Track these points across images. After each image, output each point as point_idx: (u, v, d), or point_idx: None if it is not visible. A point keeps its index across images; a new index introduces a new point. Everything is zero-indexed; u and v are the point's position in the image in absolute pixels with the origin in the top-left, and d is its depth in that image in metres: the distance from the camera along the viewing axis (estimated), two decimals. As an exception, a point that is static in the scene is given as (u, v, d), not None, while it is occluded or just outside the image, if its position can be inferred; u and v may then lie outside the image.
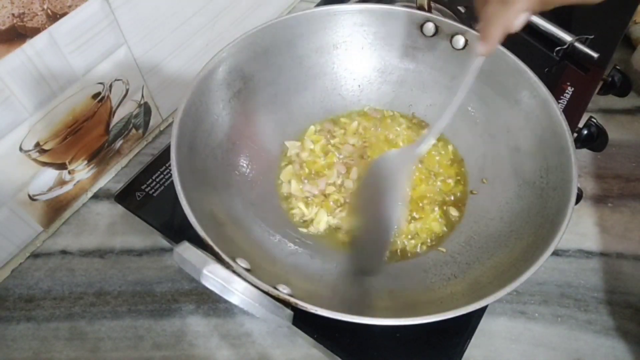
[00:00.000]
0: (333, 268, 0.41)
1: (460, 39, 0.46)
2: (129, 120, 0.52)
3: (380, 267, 0.41)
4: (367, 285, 0.40)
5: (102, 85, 0.47)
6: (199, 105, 0.41)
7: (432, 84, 0.50)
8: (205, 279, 0.29)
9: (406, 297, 0.39)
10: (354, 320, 0.31)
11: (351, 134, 0.49)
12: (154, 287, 0.47)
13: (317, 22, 0.47)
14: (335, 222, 0.44)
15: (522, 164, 0.44)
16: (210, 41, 0.56)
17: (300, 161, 0.47)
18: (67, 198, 0.50)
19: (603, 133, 0.50)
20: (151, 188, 0.47)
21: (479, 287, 0.37)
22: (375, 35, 0.49)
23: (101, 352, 0.44)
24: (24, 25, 0.38)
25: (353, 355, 0.38)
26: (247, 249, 0.38)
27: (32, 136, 0.43)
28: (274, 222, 0.43)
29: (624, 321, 0.45)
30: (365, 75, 0.51)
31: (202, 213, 0.36)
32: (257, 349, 0.44)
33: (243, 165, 0.45)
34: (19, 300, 0.46)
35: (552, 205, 0.38)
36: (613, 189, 0.53)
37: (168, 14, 0.49)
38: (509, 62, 0.44)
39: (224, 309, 0.45)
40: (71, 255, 0.49)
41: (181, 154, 0.38)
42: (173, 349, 0.44)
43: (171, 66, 0.53)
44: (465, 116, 0.48)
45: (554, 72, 0.55)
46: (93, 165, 0.51)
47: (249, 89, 0.46)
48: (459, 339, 0.39)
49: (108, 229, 0.50)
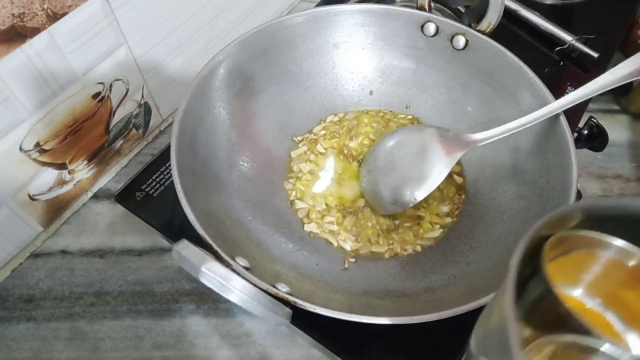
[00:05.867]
0: (333, 268, 0.41)
1: (460, 39, 0.46)
2: (129, 120, 0.52)
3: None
4: (367, 285, 0.40)
5: (102, 85, 0.47)
6: (199, 105, 0.41)
7: (433, 84, 0.50)
8: (204, 277, 0.29)
9: (406, 297, 0.39)
10: (353, 319, 0.31)
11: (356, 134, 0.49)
12: (154, 287, 0.47)
13: (317, 22, 0.47)
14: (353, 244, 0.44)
15: (522, 164, 0.44)
16: (210, 41, 0.57)
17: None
18: (67, 198, 0.50)
19: (603, 133, 0.49)
20: (151, 188, 0.47)
21: (479, 287, 0.37)
22: (375, 35, 0.49)
23: (101, 352, 0.43)
24: (24, 25, 0.38)
25: (353, 355, 0.38)
26: (247, 248, 0.39)
27: (32, 136, 0.43)
28: (274, 222, 0.43)
29: (624, 321, 0.45)
30: (366, 76, 0.51)
31: (202, 212, 0.36)
32: (257, 349, 0.44)
33: (243, 165, 0.45)
34: (19, 300, 0.46)
35: (552, 205, 0.38)
36: (613, 189, 0.53)
37: (168, 14, 0.49)
38: (509, 62, 0.44)
39: (224, 309, 0.45)
40: (71, 255, 0.49)
41: (181, 154, 0.38)
42: (173, 349, 0.44)
43: (171, 66, 0.54)
44: (465, 116, 0.48)
45: (554, 72, 0.55)
46: (93, 165, 0.51)
47: (249, 89, 0.46)
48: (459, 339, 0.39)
49: (108, 229, 0.50)
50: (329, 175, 0.47)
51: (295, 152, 0.48)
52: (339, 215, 0.45)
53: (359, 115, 0.50)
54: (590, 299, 0.27)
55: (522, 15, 0.59)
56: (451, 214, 0.45)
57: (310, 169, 0.47)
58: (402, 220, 0.44)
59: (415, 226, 0.44)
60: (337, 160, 0.48)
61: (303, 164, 0.47)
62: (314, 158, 0.48)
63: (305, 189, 0.46)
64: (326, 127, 0.50)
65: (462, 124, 0.48)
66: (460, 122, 0.48)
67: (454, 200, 0.45)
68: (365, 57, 0.50)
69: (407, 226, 0.44)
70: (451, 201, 0.45)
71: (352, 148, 0.48)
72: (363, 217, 0.45)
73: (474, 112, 0.48)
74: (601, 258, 0.25)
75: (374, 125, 0.50)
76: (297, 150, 0.48)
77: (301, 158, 0.48)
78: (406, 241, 0.43)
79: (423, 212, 0.45)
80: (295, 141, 0.49)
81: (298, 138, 0.49)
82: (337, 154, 0.48)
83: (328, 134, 0.49)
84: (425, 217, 0.44)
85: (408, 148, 0.44)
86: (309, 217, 0.45)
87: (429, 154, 0.43)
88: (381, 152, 0.45)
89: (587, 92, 0.40)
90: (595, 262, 0.26)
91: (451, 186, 0.46)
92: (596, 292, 0.27)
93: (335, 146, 0.48)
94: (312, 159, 0.48)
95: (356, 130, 0.49)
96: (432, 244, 0.43)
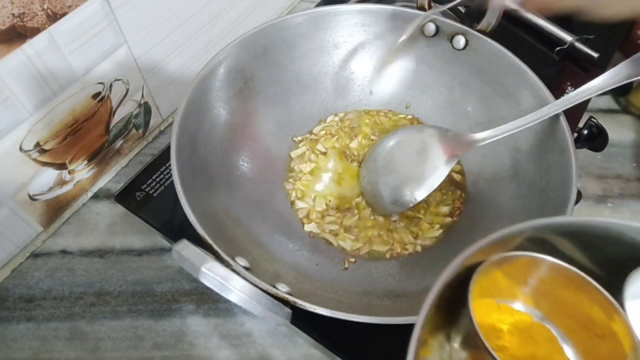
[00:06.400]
0: (333, 268, 0.41)
1: (460, 39, 0.46)
2: (129, 120, 0.52)
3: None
4: (367, 285, 0.40)
5: (102, 85, 0.47)
6: (199, 105, 0.41)
7: (433, 84, 0.50)
8: (204, 277, 0.29)
9: (406, 297, 0.39)
10: (353, 319, 0.31)
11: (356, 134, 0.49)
12: (154, 287, 0.47)
13: (317, 22, 0.47)
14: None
15: (522, 164, 0.44)
16: (210, 41, 0.57)
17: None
18: (67, 198, 0.50)
19: (603, 133, 0.49)
20: (151, 188, 0.47)
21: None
22: (375, 35, 0.49)
23: (101, 352, 0.43)
24: (24, 25, 0.38)
25: (353, 355, 0.38)
26: (247, 248, 0.39)
27: (32, 136, 0.43)
28: (274, 222, 0.43)
29: (624, 321, 0.45)
30: (366, 76, 0.51)
31: (202, 212, 0.36)
32: (257, 349, 0.44)
33: (243, 165, 0.45)
34: (19, 300, 0.46)
35: (552, 205, 0.38)
36: (613, 189, 0.53)
37: (168, 14, 0.49)
38: (509, 62, 0.44)
39: (224, 309, 0.45)
40: (71, 255, 0.49)
41: (181, 153, 0.38)
42: (173, 349, 0.44)
43: (171, 66, 0.54)
44: (465, 116, 0.48)
45: (554, 72, 0.55)
46: (93, 165, 0.51)
47: (249, 89, 0.46)
48: (459, 339, 0.39)
49: (108, 229, 0.50)
50: (329, 175, 0.47)
51: (295, 152, 0.48)
52: (339, 215, 0.45)
53: (359, 115, 0.50)
54: (539, 312, 0.28)
55: (522, 15, 0.59)
56: (451, 214, 0.45)
57: (311, 169, 0.47)
58: (402, 220, 0.44)
59: (415, 226, 0.44)
60: (337, 160, 0.48)
61: (303, 164, 0.47)
62: (314, 158, 0.48)
63: (306, 189, 0.46)
64: (326, 127, 0.50)
65: (462, 124, 0.48)
66: (460, 122, 0.48)
67: (454, 200, 0.45)
68: (365, 57, 0.50)
69: (407, 226, 0.44)
70: (451, 201, 0.45)
71: (352, 148, 0.48)
72: (363, 217, 0.45)
73: (474, 112, 0.48)
74: (539, 272, 0.27)
75: (374, 126, 0.50)
76: (297, 151, 0.48)
77: (301, 158, 0.48)
78: (406, 241, 0.43)
79: (423, 212, 0.45)
80: (295, 141, 0.49)
81: (298, 138, 0.49)
82: (337, 154, 0.48)
83: (328, 134, 0.49)
84: (425, 217, 0.45)
85: (408, 148, 0.44)
86: (309, 217, 0.45)
87: (429, 154, 0.43)
88: (381, 152, 0.45)
89: (587, 92, 0.40)
90: (536, 276, 0.27)
91: (451, 186, 0.46)
92: (541, 304, 0.28)
93: (335, 146, 0.48)
94: (312, 159, 0.48)
95: (356, 130, 0.49)
96: (432, 244, 0.43)
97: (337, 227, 0.44)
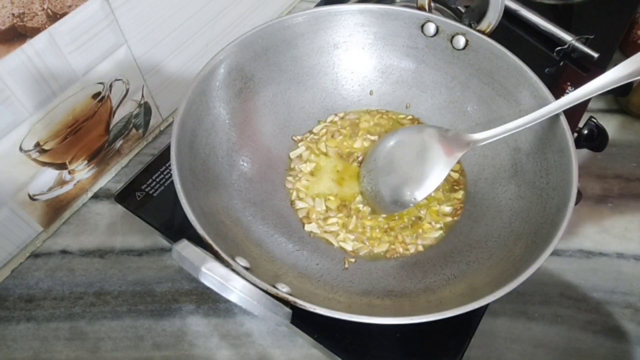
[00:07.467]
0: (333, 268, 0.41)
1: (460, 39, 0.46)
2: (129, 120, 0.52)
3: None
4: (367, 285, 0.40)
5: (102, 85, 0.47)
6: (199, 105, 0.41)
7: (433, 84, 0.50)
8: (204, 277, 0.29)
9: (406, 297, 0.39)
10: (353, 319, 0.31)
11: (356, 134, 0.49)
12: (154, 287, 0.47)
13: (317, 22, 0.47)
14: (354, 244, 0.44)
15: (522, 164, 0.44)
16: (210, 41, 0.57)
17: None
18: (67, 198, 0.50)
19: (603, 133, 0.49)
20: (151, 188, 0.47)
21: (479, 287, 0.37)
22: (375, 35, 0.49)
23: (101, 352, 0.44)
24: (24, 25, 0.38)
25: (353, 355, 0.38)
26: (247, 248, 0.39)
27: (32, 136, 0.43)
28: (274, 222, 0.43)
29: (624, 321, 0.45)
30: (366, 76, 0.51)
31: (202, 212, 0.36)
32: (257, 349, 0.44)
33: (243, 165, 0.45)
34: (19, 300, 0.46)
35: (552, 205, 0.38)
36: (613, 189, 0.53)
37: (168, 14, 0.49)
38: (509, 62, 0.44)
39: (224, 309, 0.45)
40: (71, 255, 0.49)
41: (181, 153, 0.38)
42: (173, 349, 0.44)
43: (171, 66, 0.54)
44: (465, 116, 0.48)
45: (554, 72, 0.55)
46: (93, 165, 0.51)
47: (250, 89, 0.46)
48: (459, 339, 0.39)
49: (108, 229, 0.50)
50: (329, 175, 0.47)
51: (295, 152, 0.48)
52: (339, 215, 0.45)
53: (359, 115, 0.50)
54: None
55: (522, 15, 0.59)
56: (451, 214, 0.45)
57: (311, 169, 0.47)
58: (402, 220, 0.44)
59: (415, 226, 0.44)
60: (337, 160, 0.48)
61: (303, 164, 0.47)
62: (314, 158, 0.48)
63: (306, 189, 0.46)
64: (326, 127, 0.50)
65: (462, 124, 0.48)
66: (460, 122, 0.48)
67: (454, 200, 0.45)
68: (365, 57, 0.50)
69: (407, 226, 0.44)
70: (451, 201, 0.45)
71: (352, 148, 0.48)
72: (363, 217, 0.45)
73: (474, 112, 0.48)
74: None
75: (373, 125, 0.50)
76: (297, 151, 0.48)
77: (301, 158, 0.48)
78: (406, 241, 0.43)
79: (423, 212, 0.45)
80: (295, 141, 0.49)
81: (298, 138, 0.49)
82: (337, 154, 0.48)
83: (328, 134, 0.49)
84: (425, 217, 0.45)
85: (408, 148, 0.44)
86: (309, 217, 0.45)
87: (429, 154, 0.43)
88: (381, 152, 0.45)
89: (587, 92, 0.40)
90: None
91: (451, 186, 0.46)
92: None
93: (335, 146, 0.48)
94: (313, 159, 0.48)
95: (356, 130, 0.49)
96: (432, 244, 0.43)
97: (337, 227, 0.44)
